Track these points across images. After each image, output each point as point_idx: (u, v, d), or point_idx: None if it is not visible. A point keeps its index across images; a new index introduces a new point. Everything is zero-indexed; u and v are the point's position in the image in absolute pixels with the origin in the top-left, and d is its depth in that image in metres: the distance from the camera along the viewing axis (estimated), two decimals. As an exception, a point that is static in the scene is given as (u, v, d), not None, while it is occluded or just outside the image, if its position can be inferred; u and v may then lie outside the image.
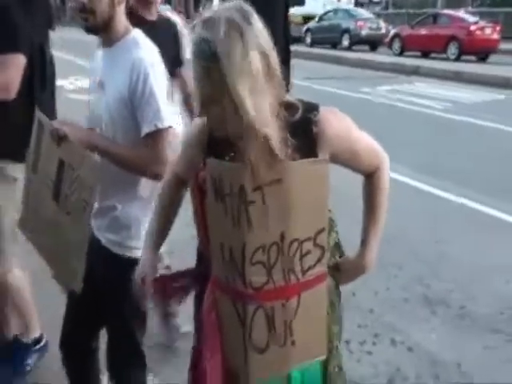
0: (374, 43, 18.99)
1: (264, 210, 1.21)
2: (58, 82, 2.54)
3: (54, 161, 1.67)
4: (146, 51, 1.68)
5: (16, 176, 2.22)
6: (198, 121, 1.32)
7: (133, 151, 1.66)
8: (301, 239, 1.26)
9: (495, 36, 16.05)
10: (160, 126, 1.62)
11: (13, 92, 2.10)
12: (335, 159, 1.30)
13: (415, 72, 13.35)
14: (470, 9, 22.58)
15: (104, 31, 1.70)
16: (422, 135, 7.28)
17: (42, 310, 2.54)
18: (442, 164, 5.99)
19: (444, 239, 4.12)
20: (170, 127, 1.65)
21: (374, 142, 1.39)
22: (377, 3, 33.30)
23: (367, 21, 19.39)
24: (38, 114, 1.77)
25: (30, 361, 2.51)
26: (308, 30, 20.59)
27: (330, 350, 1.41)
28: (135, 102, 1.63)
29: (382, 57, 16.34)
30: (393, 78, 12.56)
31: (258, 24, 1.15)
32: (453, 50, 15.82)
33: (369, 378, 2.62)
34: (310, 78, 11.67)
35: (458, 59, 15.50)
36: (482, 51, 15.73)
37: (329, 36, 19.53)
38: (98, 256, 1.75)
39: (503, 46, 16.39)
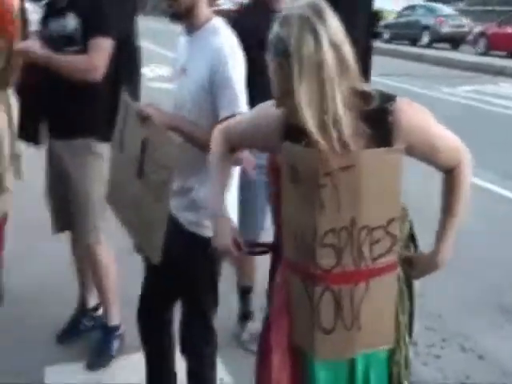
0: (455, 41, 18.27)
1: (335, 194, 1.25)
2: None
3: (138, 140, 1.77)
4: (226, 39, 1.75)
5: (102, 153, 2.36)
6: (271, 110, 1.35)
7: (210, 134, 1.71)
8: (371, 226, 1.29)
9: None
10: (236, 111, 1.68)
11: (99, 74, 2.23)
12: (412, 151, 1.30)
13: (501, 72, 12.75)
14: None
15: (186, 18, 1.79)
16: (505, 138, 6.97)
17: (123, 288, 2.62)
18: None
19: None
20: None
21: (455, 137, 1.38)
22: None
23: (448, 17, 18.65)
24: (124, 96, 1.88)
25: (115, 345, 2.59)
26: (386, 25, 20.14)
27: (398, 341, 1.42)
28: (214, 88, 1.70)
29: (463, 55, 15.72)
30: (475, 78, 12.06)
31: (330, 19, 1.20)
32: None
33: (435, 382, 2.57)
34: (386, 75, 11.41)
35: None
36: None
37: (407, 32, 19.01)
38: (175, 234, 1.82)
39: None
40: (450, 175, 1.39)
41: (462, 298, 3.31)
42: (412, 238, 1.49)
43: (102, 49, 2.24)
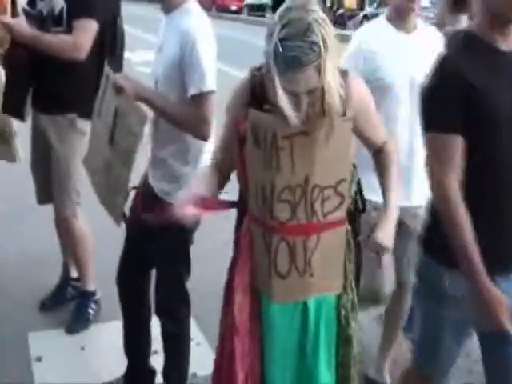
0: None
1: (292, 156, 1.41)
2: (126, 55, 2.76)
3: (112, 109, 1.93)
4: (198, 20, 1.88)
5: (85, 130, 2.46)
6: (245, 76, 1.51)
7: (180, 109, 1.86)
8: (322, 185, 1.45)
9: None
10: (204, 89, 1.81)
11: (83, 53, 2.35)
12: (354, 123, 1.46)
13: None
14: None
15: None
16: None
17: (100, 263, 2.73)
18: None
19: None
20: (212, 91, 1.83)
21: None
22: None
23: (426, 7, 19.06)
24: (107, 68, 2.02)
25: (91, 310, 2.72)
26: (365, 16, 20.32)
27: (345, 287, 1.57)
28: (183, 65, 1.82)
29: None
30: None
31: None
32: None
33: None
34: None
35: None
36: None
37: None
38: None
39: None
40: (381, 153, 1.61)
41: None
42: (360, 195, 1.64)
43: (87, 30, 2.35)
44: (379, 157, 1.63)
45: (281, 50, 1.28)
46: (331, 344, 1.57)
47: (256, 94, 1.45)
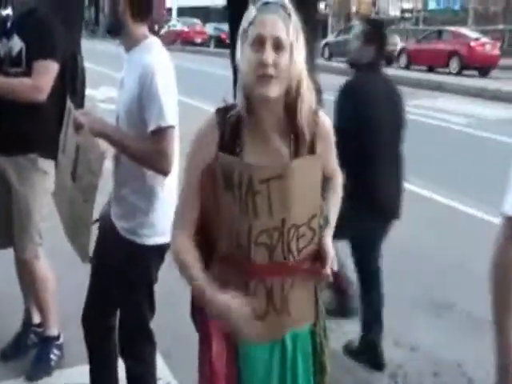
0: (388, 58, 19.35)
1: (268, 199, 1.41)
2: (90, 92, 2.77)
3: (73, 145, 1.94)
4: (156, 56, 1.89)
5: (47, 170, 2.44)
6: (210, 118, 1.47)
7: (140, 145, 1.85)
8: (298, 224, 1.45)
9: (495, 52, 16.81)
10: (163, 124, 1.81)
11: (44, 95, 2.34)
12: (323, 158, 1.48)
13: (438, 88, 13.40)
14: (472, 27, 23.29)
15: (121, 36, 1.95)
16: (444, 150, 7.35)
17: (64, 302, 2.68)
18: (464, 178, 6.07)
19: (457, 249, 4.20)
20: (171, 126, 1.83)
21: None
22: (407, 19, 33.39)
23: None
24: (69, 103, 2.02)
25: (54, 355, 2.63)
26: (326, 44, 21.25)
27: (318, 314, 1.58)
28: (143, 101, 1.83)
29: (405, 72, 16.47)
30: (415, 93, 12.60)
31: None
32: (454, 64, 16.49)
33: (371, 372, 2.73)
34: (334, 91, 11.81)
35: (459, 73, 16.10)
36: (481, 66, 16.30)
37: (346, 50, 20.04)
38: (113, 241, 1.96)
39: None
40: (332, 181, 1.62)
41: (397, 299, 3.51)
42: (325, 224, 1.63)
43: (47, 71, 2.34)
44: (329, 184, 1.62)
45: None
46: (309, 374, 1.56)
47: (226, 138, 1.43)
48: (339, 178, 1.65)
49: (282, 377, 1.53)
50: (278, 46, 1.34)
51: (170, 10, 34.51)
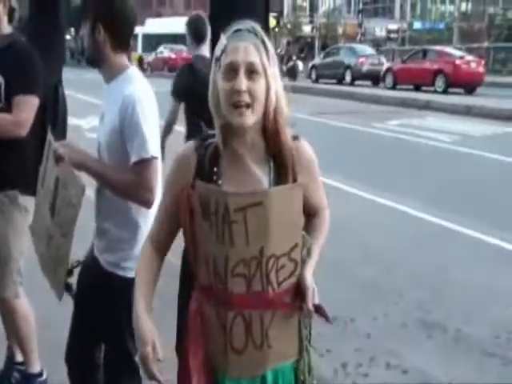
0: (375, 78, 19.66)
1: (245, 228, 1.37)
2: (77, 122, 2.77)
3: (52, 178, 1.91)
4: (137, 87, 1.88)
5: (27, 207, 2.40)
6: (189, 144, 1.48)
7: (122, 177, 1.83)
8: (277, 254, 1.41)
9: (480, 69, 17.10)
10: (144, 156, 1.79)
11: (25, 130, 2.32)
12: (305, 188, 1.45)
13: (426, 106, 13.55)
14: (457, 45, 23.85)
15: (102, 67, 1.93)
16: (429, 168, 7.41)
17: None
18: (448, 195, 6.10)
19: (445, 267, 4.20)
20: (154, 157, 1.81)
21: None
22: (393, 39, 33.99)
23: (369, 57, 20.37)
24: (49, 135, 2.00)
25: None
26: (313, 66, 21.63)
27: (301, 351, 1.53)
28: (125, 133, 1.81)
29: (392, 92, 16.67)
30: (402, 113, 12.75)
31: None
32: (440, 83, 16.68)
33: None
34: (323, 113, 11.94)
35: (445, 92, 16.32)
36: (467, 84, 16.53)
37: (333, 72, 20.51)
38: (96, 275, 1.93)
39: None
40: (317, 217, 1.57)
41: (388, 318, 3.50)
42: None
43: (27, 106, 2.32)
44: (313, 220, 1.57)
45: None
46: None
47: (204, 165, 1.41)
48: (326, 212, 1.59)
49: None
50: (251, 71, 1.33)
51: (135, 36, 34.85)
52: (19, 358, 2.68)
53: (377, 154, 7.96)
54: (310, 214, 1.54)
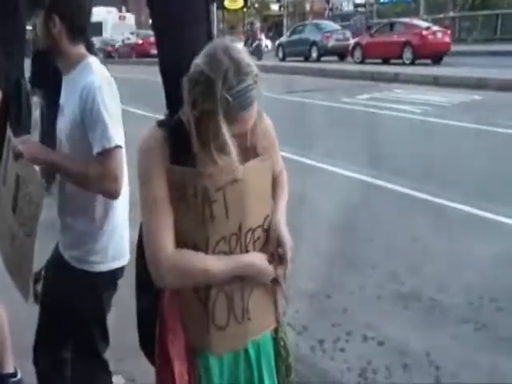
0: (341, 54, 19.75)
1: (225, 206, 1.38)
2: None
3: (13, 175, 1.85)
4: (97, 75, 1.80)
5: None
6: (154, 131, 1.43)
7: (86, 169, 1.76)
8: (253, 227, 1.44)
9: (446, 39, 17.19)
10: (107, 145, 1.72)
11: None
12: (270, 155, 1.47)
13: (394, 79, 13.59)
14: (424, 16, 23.90)
15: (58, 58, 1.85)
16: (402, 139, 7.45)
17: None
18: (420, 165, 6.14)
19: (419, 237, 4.23)
20: (118, 146, 1.74)
21: None
22: (361, 13, 33.90)
23: (334, 33, 20.32)
24: (8, 132, 1.92)
25: None
26: (280, 44, 21.54)
27: (277, 319, 1.56)
28: (86, 123, 1.75)
29: (360, 66, 16.70)
30: (372, 87, 12.76)
31: None
32: (408, 54, 16.78)
33: (342, 373, 2.71)
34: (292, 92, 11.89)
35: (413, 63, 16.41)
36: (434, 55, 16.65)
37: (299, 49, 20.50)
38: (62, 271, 1.89)
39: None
40: (278, 179, 1.58)
41: (364, 291, 3.51)
42: None
43: None
44: (274, 183, 1.57)
45: (232, 98, 1.26)
46: (275, 380, 1.55)
47: (176, 151, 1.37)
48: (285, 175, 1.63)
49: None
50: None
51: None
52: None
53: (348, 129, 7.96)
54: (273, 177, 1.55)
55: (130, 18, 35.06)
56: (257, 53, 19.99)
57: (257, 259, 1.45)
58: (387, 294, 3.45)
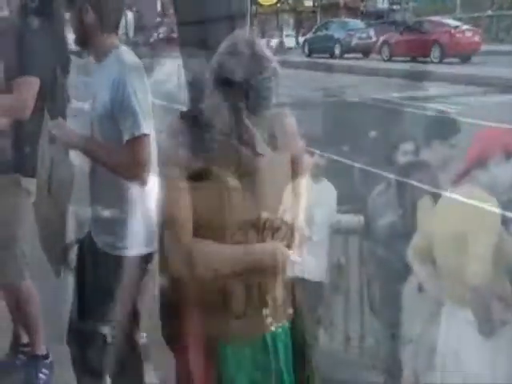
0: (364, 51, 19.74)
1: (243, 196, 1.41)
2: (83, 104, 2.72)
3: (48, 158, 2.00)
4: (127, 65, 1.86)
5: (30, 189, 2.37)
6: (177, 121, 1.48)
7: (116, 155, 1.84)
8: (271, 218, 1.48)
9: (476, 38, 16.98)
10: (136, 133, 1.79)
11: (28, 112, 2.28)
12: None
13: (426, 77, 13.39)
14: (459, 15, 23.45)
15: (90, 47, 1.93)
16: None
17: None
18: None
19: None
20: (146, 134, 1.81)
21: None
22: (396, 11, 33.43)
23: (357, 31, 20.51)
24: (46, 116, 2.04)
25: (43, 375, 2.60)
26: (305, 40, 22.00)
27: (296, 310, 1.59)
28: (116, 111, 1.81)
29: (388, 64, 16.50)
30: (402, 85, 12.57)
31: None
32: (436, 53, 16.59)
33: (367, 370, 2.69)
34: (321, 90, 11.82)
35: (441, 62, 16.21)
36: (463, 53, 16.43)
37: (323, 46, 20.66)
38: (94, 256, 1.96)
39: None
40: (299, 172, 1.61)
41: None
42: None
43: (29, 88, 2.29)
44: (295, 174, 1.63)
45: (252, 90, 1.31)
46: (291, 369, 1.56)
47: (197, 140, 1.41)
48: (307, 170, 1.70)
49: (266, 376, 1.52)
50: None
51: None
52: (24, 339, 2.71)
53: (386, 128, 7.86)
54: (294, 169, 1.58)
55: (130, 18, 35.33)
56: (280, 49, 20.25)
57: (275, 249, 1.47)
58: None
